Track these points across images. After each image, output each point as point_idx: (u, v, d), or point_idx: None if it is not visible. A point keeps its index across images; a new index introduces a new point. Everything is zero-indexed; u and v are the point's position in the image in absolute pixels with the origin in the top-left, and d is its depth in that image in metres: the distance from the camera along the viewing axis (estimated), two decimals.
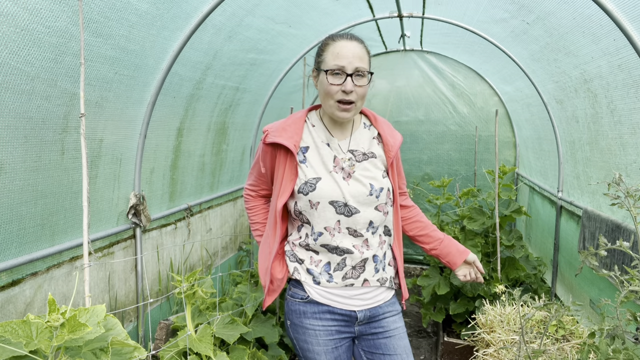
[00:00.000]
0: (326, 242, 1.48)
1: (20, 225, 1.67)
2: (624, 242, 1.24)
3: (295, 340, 1.56)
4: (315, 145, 1.53)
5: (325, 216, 1.47)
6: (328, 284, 1.50)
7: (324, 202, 1.46)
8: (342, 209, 1.47)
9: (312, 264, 1.52)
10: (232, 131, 3.48)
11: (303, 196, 1.48)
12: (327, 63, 1.45)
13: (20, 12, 1.42)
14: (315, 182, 1.47)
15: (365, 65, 1.45)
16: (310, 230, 1.50)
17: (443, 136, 4.97)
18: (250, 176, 1.74)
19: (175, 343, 1.86)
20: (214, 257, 3.39)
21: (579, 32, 2.27)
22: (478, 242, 3.01)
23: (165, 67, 2.28)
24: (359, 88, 1.44)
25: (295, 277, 1.54)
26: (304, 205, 1.48)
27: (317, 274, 1.51)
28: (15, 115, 1.55)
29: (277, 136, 1.50)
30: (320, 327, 1.51)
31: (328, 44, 1.48)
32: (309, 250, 1.53)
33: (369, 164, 1.54)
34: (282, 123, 1.56)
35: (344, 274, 1.50)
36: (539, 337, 1.99)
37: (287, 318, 1.58)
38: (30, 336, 1.01)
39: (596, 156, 2.54)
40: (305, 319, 1.52)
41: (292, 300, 1.55)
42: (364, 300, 1.53)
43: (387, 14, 3.53)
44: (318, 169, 1.50)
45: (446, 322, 3.27)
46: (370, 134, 1.61)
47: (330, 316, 1.51)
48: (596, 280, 2.51)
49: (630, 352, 1.18)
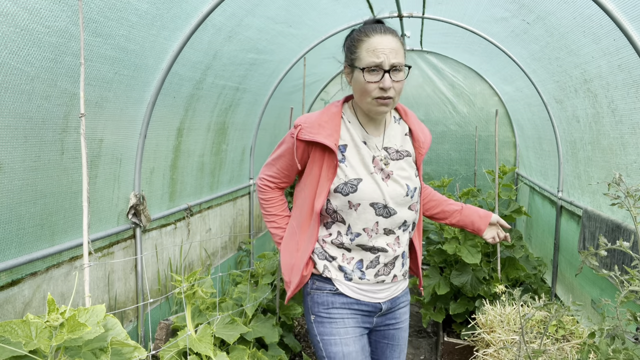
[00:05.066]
0: (363, 242, 1.48)
1: (20, 225, 1.67)
2: (624, 242, 1.24)
3: (319, 335, 1.53)
4: (355, 144, 1.50)
5: (365, 218, 1.46)
6: (360, 280, 1.50)
7: (364, 203, 1.44)
8: (382, 210, 1.46)
9: (344, 262, 1.51)
10: (232, 131, 3.48)
11: (342, 196, 1.45)
12: (363, 60, 1.40)
13: (20, 12, 1.42)
14: (356, 184, 1.44)
15: (401, 59, 1.41)
16: (346, 230, 1.49)
17: (443, 136, 4.97)
18: (271, 167, 1.64)
19: (175, 343, 1.86)
20: (213, 257, 3.39)
21: (579, 32, 2.27)
22: (478, 242, 3.01)
23: (165, 67, 2.28)
24: (396, 83, 1.40)
25: (326, 274, 1.51)
26: (341, 205, 1.46)
27: (349, 271, 1.50)
28: (15, 115, 1.55)
29: (314, 133, 1.45)
30: (349, 315, 1.52)
31: (362, 40, 1.42)
32: (341, 248, 1.51)
33: (404, 162, 1.54)
34: (318, 118, 1.49)
35: (377, 271, 1.51)
36: (539, 337, 1.99)
37: (311, 313, 1.55)
38: (30, 336, 1.01)
39: (597, 156, 2.54)
40: (333, 309, 1.51)
41: (319, 292, 1.53)
42: (388, 292, 1.56)
43: (387, 14, 3.53)
44: (359, 170, 1.47)
45: (446, 322, 3.27)
46: (402, 129, 1.59)
47: (358, 307, 1.52)
48: (596, 280, 2.51)
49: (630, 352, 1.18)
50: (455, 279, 3.02)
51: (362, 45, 1.42)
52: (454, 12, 3.34)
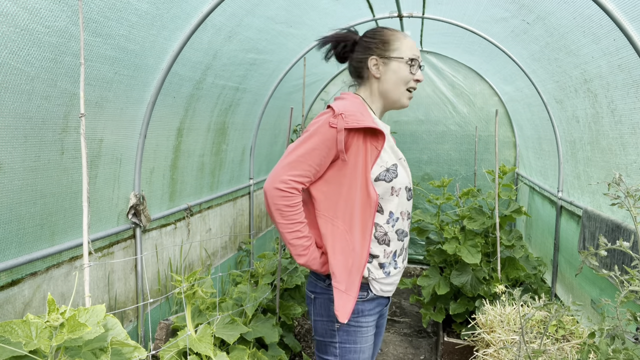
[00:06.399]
0: (400, 226, 1.53)
1: (20, 226, 1.67)
2: (624, 242, 1.24)
3: (340, 343, 1.51)
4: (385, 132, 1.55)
5: (403, 202, 1.53)
6: (395, 270, 1.56)
7: (403, 188, 1.52)
8: (409, 193, 1.57)
9: (385, 258, 1.51)
10: (232, 131, 3.48)
11: (385, 183, 1.46)
12: (405, 52, 1.54)
13: (20, 12, 1.42)
14: (395, 169, 1.49)
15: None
16: (387, 217, 1.50)
17: (443, 136, 4.97)
18: (299, 165, 1.41)
19: (175, 343, 1.86)
20: (213, 257, 3.39)
21: (579, 32, 2.27)
22: (478, 242, 3.01)
23: (165, 67, 2.28)
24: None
25: (371, 277, 1.50)
26: (383, 193, 1.47)
27: (387, 265, 1.53)
28: (15, 115, 1.55)
29: (362, 120, 1.42)
30: (371, 322, 1.55)
31: (397, 37, 1.56)
32: (383, 244, 1.50)
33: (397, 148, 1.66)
34: (354, 107, 1.47)
35: (403, 257, 1.60)
36: (539, 337, 1.99)
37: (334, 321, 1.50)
38: (30, 336, 1.01)
39: (597, 156, 2.54)
40: (362, 317, 1.52)
41: None
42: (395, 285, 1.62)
43: (387, 14, 3.53)
44: (392, 156, 1.53)
45: (446, 322, 3.27)
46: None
47: (378, 308, 1.57)
48: (596, 280, 2.51)
49: (630, 352, 1.18)
50: (455, 279, 3.02)
51: (400, 39, 1.56)
52: (454, 12, 3.34)
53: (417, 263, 5.19)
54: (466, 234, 3.12)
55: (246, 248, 3.95)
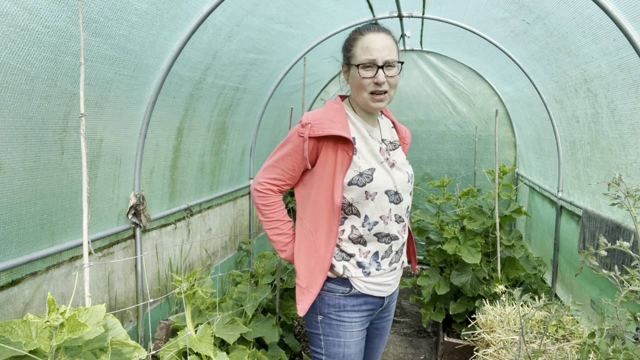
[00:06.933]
0: (380, 230, 1.53)
1: (20, 225, 1.67)
2: (624, 242, 1.24)
3: (324, 335, 1.56)
4: (362, 136, 1.56)
5: (382, 205, 1.52)
6: (377, 272, 1.55)
7: (380, 192, 1.51)
8: (394, 197, 1.54)
9: (361, 256, 1.54)
10: (232, 131, 3.48)
11: (358, 187, 1.48)
12: (358, 57, 1.49)
13: (20, 12, 1.42)
14: (371, 173, 1.50)
15: (394, 55, 1.50)
16: (363, 221, 1.52)
17: (443, 136, 4.97)
18: (273, 169, 1.60)
19: (175, 343, 1.86)
20: (213, 257, 3.39)
21: (579, 32, 2.27)
22: (478, 242, 3.01)
23: (165, 67, 2.28)
24: (390, 78, 1.49)
25: (346, 275, 1.53)
26: (357, 197, 1.49)
27: (367, 265, 1.54)
28: (15, 115, 1.55)
29: (328, 128, 1.48)
30: (356, 319, 1.56)
31: (356, 38, 1.52)
32: (358, 243, 1.54)
33: (399, 151, 1.66)
34: (326, 114, 1.53)
35: (390, 259, 1.58)
36: (539, 337, 1.99)
37: (317, 313, 1.57)
38: (30, 336, 1.01)
39: (597, 156, 2.54)
40: (344, 312, 1.54)
41: (331, 295, 1.55)
42: (391, 286, 1.62)
43: (387, 14, 3.53)
44: (370, 160, 1.53)
45: (446, 322, 3.27)
46: (387, 123, 1.70)
47: (365, 306, 1.57)
48: (596, 280, 2.51)
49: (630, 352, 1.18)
50: (455, 279, 3.02)
51: (357, 43, 1.51)
52: (454, 12, 3.34)
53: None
54: (466, 234, 3.12)
55: (246, 248, 3.95)
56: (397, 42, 1.56)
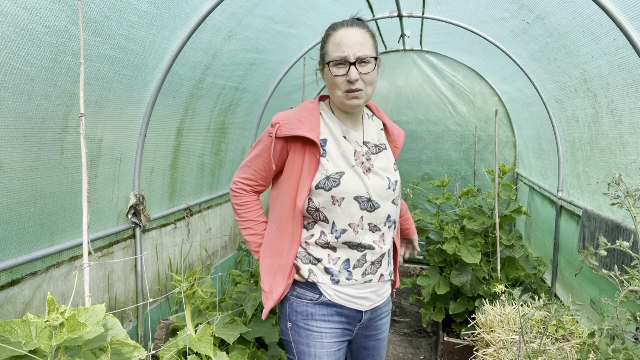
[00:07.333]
0: (350, 239, 1.44)
1: (20, 225, 1.67)
2: (624, 242, 1.24)
3: (295, 343, 1.48)
4: (334, 138, 1.48)
5: (350, 212, 1.42)
6: (348, 282, 1.45)
7: (349, 197, 1.41)
8: (366, 204, 1.44)
9: (330, 263, 1.45)
10: (232, 131, 3.48)
11: (324, 192, 1.41)
12: (330, 54, 1.42)
13: (20, 12, 1.42)
14: (339, 177, 1.41)
15: (368, 51, 1.40)
16: (331, 228, 1.44)
17: (443, 136, 4.97)
18: (247, 169, 1.57)
19: (175, 343, 1.86)
20: (213, 257, 3.39)
21: (579, 32, 2.27)
22: (478, 242, 3.01)
23: (165, 67, 2.28)
24: (365, 75, 1.40)
25: (312, 279, 1.44)
26: (325, 202, 1.41)
27: (336, 272, 1.45)
28: (15, 115, 1.55)
29: (295, 129, 1.42)
30: (327, 330, 1.46)
31: (329, 35, 1.45)
32: (327, 248, 1.46)
33: (384, 155, 1.54)
34: (297, 114, 1.47)
35: (364, 270, 1.47)
36: (539, 337, 1.99)
37: (287, 320, 1.50)
38: (30, 336, 1.01)
39: (597, 156, 2.54)
40: (312, 321, 1.46)
41: (299, 301, 1.47)
42: (371, 301, 1.51)
43: (387, 14, 3.53)
44: (340, 164, 1.44)
45: (446, 322, 3.27)
46: (376, 125, 1.60)
47: (338, 318, 1.47)
48: (596, 280, 2.51)
49: (630, 352, 1.18)
50: (455, 279, 3.02)
51: (329, 39, 1.45)
52: (454, 12, 3.34)
53: (417, 263, 5.19)
54: (466, 234, 3.12)
55: (246, 248, 3.95)
56: (374, 37, 1.48)
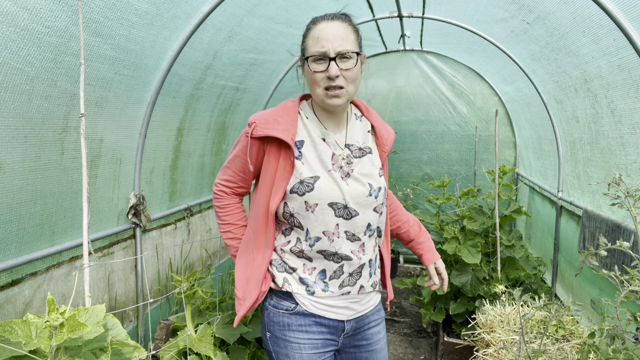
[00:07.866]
0: (324, 248, 1.35)
1: (20, 225, 1.67)
2: (624, 242, 1.24)
3: (275, 353, 1.42)
4: (312, 140, 1.39)
5: (324, 219, 1.34)
6: (323, 293, 1.37)
7: (322, 203, 1.32)
8: (342, 211, 1.34)
9: (305, 272, 1.38)
10: (232, 131, 3.48)
11: (298, 197, 1.33)
12: (309, 49, 1.33)
13: (20, 12, 1.42)
14: (312, 182, 1.33)
15: (349, 46, 1.32)
16: (305, 235, 1.36)
17: (443, 136, 4.97)
18: (227, 170, 1.51)
19: (175, 343, 1.86)
20: (213, 257, 3.39)
21: (579, 32, 2.27)
22: (478, 242, 3.01)
23: (165, 67, 2.28)
24: (346, 72, 1.31)
25: (286, 289, 1.38)
26: (298, 207, 1.34)
27: (311, 283, 1.38)
28: (15, 115, 1.55)
29: (269, 128, 1.34)
30: (305, 341, 1.39)
31: (309, 28, 1.36)
32: (302, 258, 1.39)
33: (367, 159, 1.44)
34: (273, 113, 1.39)
35: (341, 282, 1.39)
36: (539, 337, 1.99)
37: (266, 330, 1.44)
38: (30, 336, 1.01)
39: (597, 156, 2.54)
40: (289, 332, 1.39)
41: (275, 311, 1.41)
42: (353, 310, 1.43)
43: (387, 14, 3.53)
44: (315, 167, 1.35)
45: (446, 322, 3.27)
46: (364, 126, 1.50)
47: (317, 328, 1.40)
48: (596, 280, 2.51)
49: (630, 352, 1.18)
50: (455, 279, 3.02)
51: (309, 33, 1.36)
52: (454, 12, 3.34)
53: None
54: (466, 234, 3.12)
55: None
56: (357, 31, 1.39)
